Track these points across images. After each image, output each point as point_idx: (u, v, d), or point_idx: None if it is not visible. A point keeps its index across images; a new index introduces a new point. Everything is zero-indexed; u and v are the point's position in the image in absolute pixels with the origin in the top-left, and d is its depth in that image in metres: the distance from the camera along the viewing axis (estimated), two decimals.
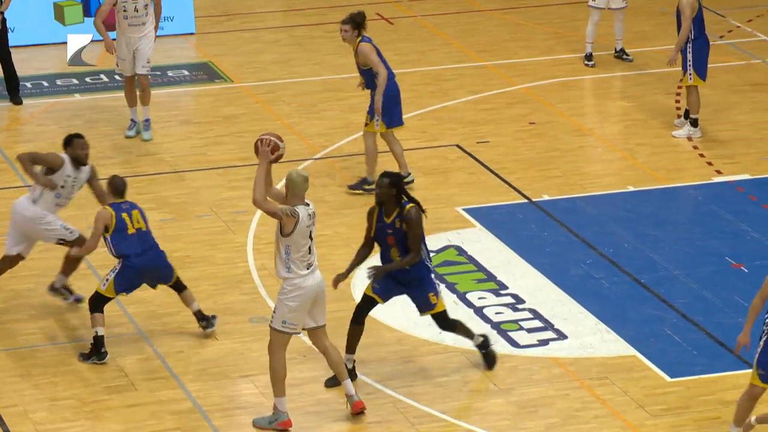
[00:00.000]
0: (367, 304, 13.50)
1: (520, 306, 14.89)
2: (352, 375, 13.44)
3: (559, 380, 13.71)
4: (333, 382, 13.44)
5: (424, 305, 13.47)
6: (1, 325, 14.55)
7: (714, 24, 18.47)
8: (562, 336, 14.39)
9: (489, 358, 13.74)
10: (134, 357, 14.00)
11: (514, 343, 14.28)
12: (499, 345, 14.13)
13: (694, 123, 17.94)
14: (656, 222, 16.47)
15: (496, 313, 14.74)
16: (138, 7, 18.09)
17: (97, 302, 14.00)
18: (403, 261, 13.21)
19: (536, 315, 14.72)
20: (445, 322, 13.60)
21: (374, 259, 13.45)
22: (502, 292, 15.12)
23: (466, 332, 13.66)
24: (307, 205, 12.59)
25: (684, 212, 16.87)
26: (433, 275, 13.53)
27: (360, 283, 14.46)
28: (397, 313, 14.52)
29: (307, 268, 12.64)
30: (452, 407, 13.30)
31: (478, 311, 14.74)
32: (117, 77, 20.09)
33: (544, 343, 14.29)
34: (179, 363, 13.94)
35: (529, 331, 14.48)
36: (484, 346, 13.71)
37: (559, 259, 15.70)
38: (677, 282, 15.20)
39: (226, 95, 19.68)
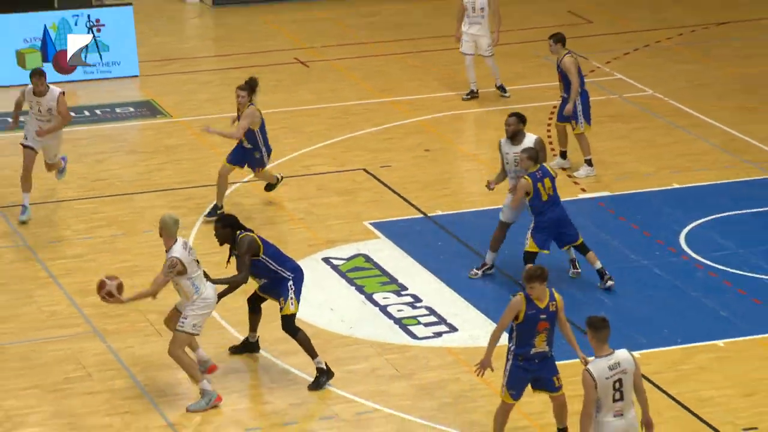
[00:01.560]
0: (253, 297, 13.80)
1: (418, 304, 15.04)
2: (256, 347, 13.96)
3: (452, 366, 13.89)
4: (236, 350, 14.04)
5: (280, 307, 13.58)
6: None
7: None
8: (453, 329, 14.57)
9: (318, 383, 13.51)
10: (91, 352, 14.06)
11: (413, 336, 14.43)
12: (399, 337, 14.34)
13: (590, 163, 17.94)
14: None
15: (398, 311, 14.90)
16: (42, 109, 16.59)
17: (529, 258, 14.96)
18: (229, 278, 13.39)
19: (432, 311, 14.89)
20: (287, 326, 13.49)
21: None
22: (403, 292, 15.27)
23: (308, 349, 13.48)
24: (181, 240, 13.04)
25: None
26: (290, 283, 13.43)
27: None
28: (314, 312, 14.70)
29: (204, 282, 13.12)
30: (362, 390, 13.46)
31: (383, 309, 14.91)
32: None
33: (438, 335, 14.45)
34: (129, 356, 14.01)
35: (426, 325, 14.63)
36: (324, 373, 13.52)
37: (451, 264, 15.84)
38: (551, 282, 15.29)
39: (166, 128, 19.73)
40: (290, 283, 13.49)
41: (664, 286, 15.35)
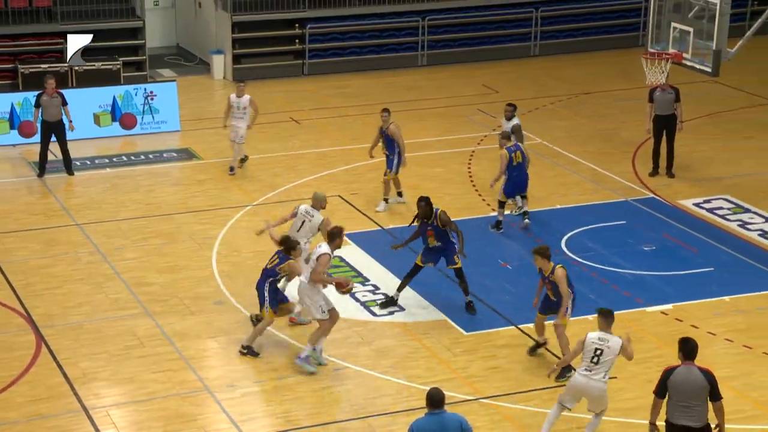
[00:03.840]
0: (417, 269, 14.02)
1: (377, 291, 14.73)
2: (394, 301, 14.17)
3: (401, 336, 13.63)
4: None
5: (449, 261, 13.86)
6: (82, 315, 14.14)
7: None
8: (401, 309, 14.27)
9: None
10: (143, 327, 13.72)
11: (373, 314, 14.14)
12: (363, 315, 14.01)
13: (387, 201, 17.16)
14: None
15: (363, 296, 14.59)
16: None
17: (500, 205, 16.22)
18: (461, 237, 13.73)
19: (387, 297, 14.54)
20: (459, 274, 13.89)
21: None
22: (366, 283, 14.96)
23: (464, 287, 13.98)
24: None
25: (475, 233, 16.59)
26: (456, 245, 13.80)
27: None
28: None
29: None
30: (337, 353, 13.20)
31: (352, 295, 14.48)
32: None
33: (391, 313, 14.16)
34: (171, 330, 13.68)
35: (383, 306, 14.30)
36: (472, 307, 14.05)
37: (400, 262, 15.29)
38: (471, 276, 14.98)
39: (199, 168, 19.24)
40: (456, 246, 13.76)
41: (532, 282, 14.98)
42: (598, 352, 11.00)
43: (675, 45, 17.69)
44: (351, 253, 15.83)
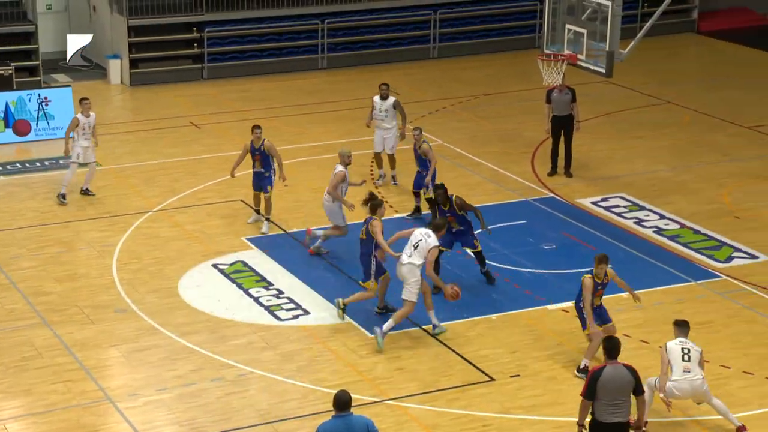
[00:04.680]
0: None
1: (281, 295, 14.64)
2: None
3: (306, 339, 13.57)
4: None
5: (469, 245, 14.60)
6: None
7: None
8: (306, 312, 14.22)
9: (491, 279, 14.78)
10: (41, 337, 13.41)
11: (278, 318, 14.06)
12: (268, 320, 13.91)
13: (269, 220, 16.71)
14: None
15: (267, 300, 14.49)
16: None
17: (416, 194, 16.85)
18: (480, 216, 14.48)
19: (291, 300, 14.51)
20: (480, 257, 14.62)
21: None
22: (270, 287, 14.86)
23: (481, 260, 14.74)
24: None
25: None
26: (476, 232, 14.48)
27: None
28: (206, 302, 14.23)
29: None
30: (241, 358, 13.08)
31: (256, 299, 14.49)
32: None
33: (296, 317, 14.10)
34: (70, 340, 13.40)
35: (287, 310, 14.26)
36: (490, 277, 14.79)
37: (303, 266, 15.44)
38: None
39: (97, 174, 18.59)
40: (476, 232, 14.29)
41: (454, 277, 15.05)
42: (686, 350, 11.31)
43: (570, 47, 18.01)
44: (253, 257, 15.73)
